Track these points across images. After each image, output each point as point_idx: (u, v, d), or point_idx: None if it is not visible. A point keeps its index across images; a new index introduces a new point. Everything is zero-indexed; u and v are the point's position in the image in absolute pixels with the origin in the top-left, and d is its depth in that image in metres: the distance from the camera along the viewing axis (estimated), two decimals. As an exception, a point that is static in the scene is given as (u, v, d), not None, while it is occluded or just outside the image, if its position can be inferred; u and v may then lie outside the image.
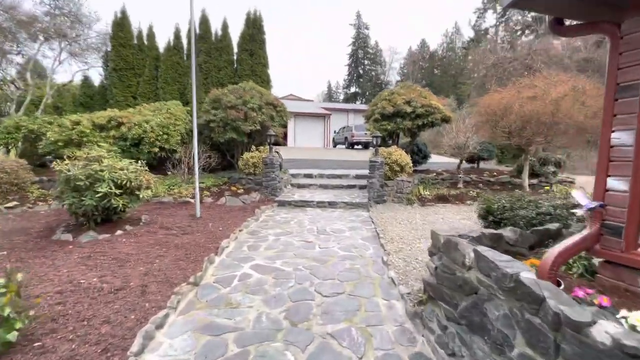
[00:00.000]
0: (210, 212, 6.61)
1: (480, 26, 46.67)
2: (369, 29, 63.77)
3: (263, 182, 8.14)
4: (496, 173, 11.10)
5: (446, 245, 2.31)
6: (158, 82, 11.07)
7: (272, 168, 8.06)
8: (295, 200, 7.78)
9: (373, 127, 9.81)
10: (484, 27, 46.25)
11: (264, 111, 8.74)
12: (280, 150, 11.50)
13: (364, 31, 63.74)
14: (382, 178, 7.67)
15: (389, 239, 5.07)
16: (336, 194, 8.65)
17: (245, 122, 8.44)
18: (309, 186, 9.67)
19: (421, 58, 63.17)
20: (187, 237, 5.00)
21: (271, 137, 8.10)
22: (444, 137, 12.10)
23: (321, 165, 14.51)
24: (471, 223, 6.03)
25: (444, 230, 2.59)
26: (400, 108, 9.32)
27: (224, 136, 8.42)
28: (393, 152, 8.16)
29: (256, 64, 11.13)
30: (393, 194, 7.90)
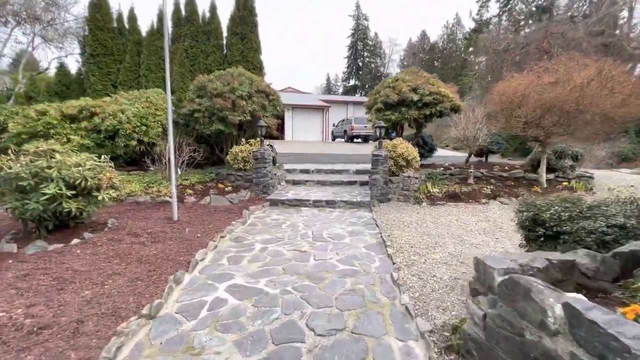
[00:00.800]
0: (191, 213, 5.78)
1: (483, 16, 45.32)
2: (369, 20, 62.48)
3: (253, 178, 7.30)
4: (507, 167, 10.28)
5: (509, 288, 1.48)
6: (140, 69, 10.15)
7: (264, 163, 7.22)
8: (289, 199, 6.95)
9: (375, 118, 8.94)
10: (487, 17, 44.95)
11: (254, 100, 7.86)
12: (275, 144, 10.65)
13: (364, 22, 62.51)
14: (386, 174, 6.85)
15: (397, 247, 4.27)
16: (335, 191, 7.83)
17: (234, 112, 7.57)
18: (305, 182, 8.84)
19: (421, 50, 62.00)
20: (156, 246, 4.18)
21: (262, 129, 7.24)
22: (452, 129, 11.26)
23: (319, 159, 13.69)
24: (491, 227, 5.23)
25: (495, 258, 1.75)
26: (406, 96, 8.45)
27: (210, 128, 7.55)
28: (398, 144, 7.32)
29: (247, 48, 10.20)
30: (398, 191, 7.08)
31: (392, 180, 6.97)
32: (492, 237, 4.72)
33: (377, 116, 8.95)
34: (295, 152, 16.96)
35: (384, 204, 6.77)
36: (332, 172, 10.17)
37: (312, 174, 10.11)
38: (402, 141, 7.54)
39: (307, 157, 14.69)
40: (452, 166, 10.16)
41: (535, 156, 9.31)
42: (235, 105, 7.56)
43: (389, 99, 8.65)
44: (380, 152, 6.85)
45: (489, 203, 6.76)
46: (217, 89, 7.49)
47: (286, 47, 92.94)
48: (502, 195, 7.06)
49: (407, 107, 8.65)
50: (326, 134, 29.71)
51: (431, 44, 61.99)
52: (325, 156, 14.85)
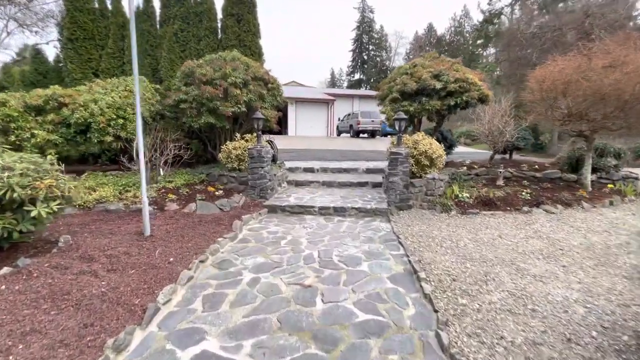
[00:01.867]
0: (169, 226, 4.71)
1: (495, 5, 43.47)
2: (374, 12, 61.20)
3: (249, 180, 6.21)
4: (538, 166, 9.08)
5: None
6: (125, 55, 9.06)
7: (261, 162, 6.11)
8: (291, 205, 5.86)
9: (390, 109, 7.77)
10: (499, 7, 43.06)
11: (250, 88, 6.73)
12: (277, 139, 9.53)
13: (369, 15, 61.21)
14: (406, 176, 5.71)
15: (434, 280, 3.16)
16: (344, 194, 6.71)
17: (226, 102, 6.45)
18: (309, 184, 7.74)
19: (428, 43, 60.41)
20: (110, 278, 3.12)
21: (259, 122, 6.12)
22: (474, 123, 10.04)
23: (324, 156, 12.57)
24: (547, 247, 4.08)
25: None
26: (427, 84, 7.26)
27: (198, 121, 6.45)
28: (420, 140, 6.17)
29: (244, 32, 9.04)
30: (421, 196, 5.95)
31: (414, 184, 5.83)
32: (557, 264, 3.58)
33: (392, 107, 7.78)
34: (298, 148, 15.86)
35: (404, 212, 5.65)
36: (339, 171, 9.07)
37: (317, 173, 9.01)
38: (425, 136, 6.38)
39: (311, 153, 13.58)
40: (475, 164, 8.98)
41: (574, 154, 8.10)
42: (227, 94, 6.44)
43: (407, 87, 7.46)
44: (399, 150, 5.70)
45: (532, 212, 5.60)
46: (206, 75, 6.37)
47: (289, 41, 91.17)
48: (545, 202, 5.89)
49: (427, 96, 7.46)
50: (331, 128, 28.51)
51: (438, 37, 60.29)
52: (330, 152, 13.71)
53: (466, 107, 7.77)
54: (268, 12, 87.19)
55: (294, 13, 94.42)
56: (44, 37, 10.43)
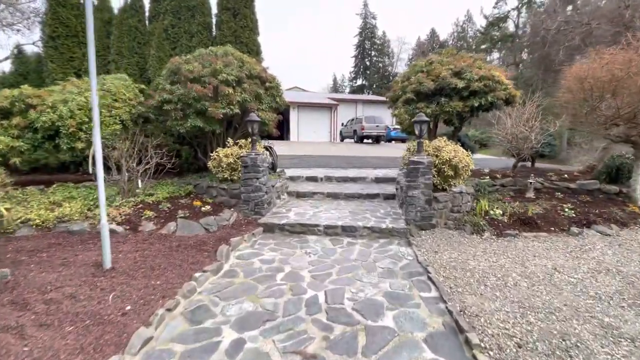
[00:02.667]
0: (139, 253, 3.81)
1: (502, 8, 42.92)
2: (376, 18, 61.48)
3: (241, 193, 5.30)
4: (567, 175, 8.12)
5: None
6: (110, 53, 8.28)
7: (256, 172, 5.21)
8: (291, 223, 4.94)
9: (404, 112, 6.87)
10: (505, 10, 42.46)
11: (245, 87, 5.87)
12: (278, 145, 8.66)
13: (371, 21, 61.48)
14: (429, 189, 4.77)
15: (492, 345, 2.21)
16: (353, 209, 5.79)
17: (216, 102, 5.59)
18: (312, 195, 6.83)
19: (431, 48, 60.02)
20: (38, 339, 2.22)
21: (254, 125, 5.24)
22: (492, 126, 9.11)
23: (328, 163, 11.68)
24: (625, 286, 3.12)
25: None
26: (446, 82, 6.36)
27: (184, 124, 5.58)
28: (443, 146, 5.25)
29: (241, 27, 8.24)
30: (446, 213, 5.01)
31: (438, 198, 4.89)
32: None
33: (406, 110, 6.88)
34: (300, 154, 15.00)
35: (427, 233, 4.71)
36: (345, 181, 8.15)
37: (321, 182, 8.10)
38: (447, 142, 5.46)
39: (314, 160, 12.70)
40: (497, 173, 8.04)
41: (613, 162, 7.14)
42: (218, 93, 5.57)
43: (423, 86, 6.57)
44: (420, 159, 4.77)
45: (583, 234, 4.64)
46: (193, 72, 5.52)
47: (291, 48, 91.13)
48: (597, 221, 4.93)
49: (447, 97, 6.56)
50: (334, 134, 27.70)
51: (441, 42, 59.99)
52: (334, 159, 12.83)
53: (490, 108, 6.85)
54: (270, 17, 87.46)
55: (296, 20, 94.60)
56: (28, 37, 9.71)
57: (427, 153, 5.15)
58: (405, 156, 5.75)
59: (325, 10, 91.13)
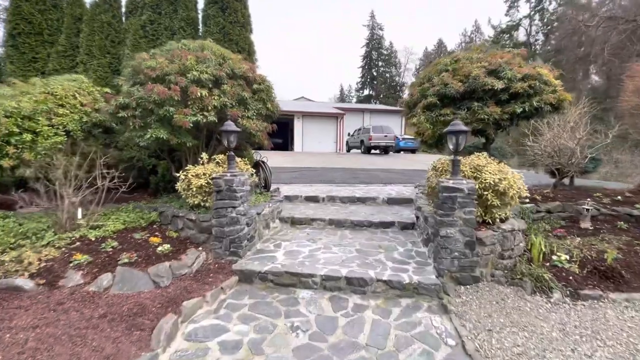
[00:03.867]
0: (37, 331, 2.48)
1: (514, 16, 41.80)
2: (384, 29, 61.55)
3: (213, 227, 3.97)
4: (620, 197, 6.62)
5: None
6: (79, 53, 7.20)
7: (232, 199, 3.89)
8: (277, 272, 3.57)
9: (425, 120, 5.53)
10: (517, 18, 41.33)
11: (225, 89, 4.61)
12: (280, 156, 7.46)
13: (378, 32, 61.50)
14: (471, 226, 3.37)
15: None
16: (361, 244, 4.41)
17: (185, 107, 4.33)
18: (310, 222, 5.48)
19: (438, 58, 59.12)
20: None
21: (230, 136, 3.95)
22: (528, 138, 7.69)
23: (333, 177, 10.37)
24: None
25: None
26: (479, 83, 5.02)
27: (144, 136, 4.31)
28: (484, 165, 3.86)
29: (230, 23, 7.08)
30: (493, 260, 3.59)
31: (483, 240, 3.48)
32: None
33: (427, 117, 5.54)
34: (303, 166, 13.74)
35: (469, 291, 3.30)
36: (352, 202, 6.81)
37: (323, 203, 6.77)
38: (489, 159, 4.08)
39: (317, 173, 11.41)
40: (535, 194, 6.57)
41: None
42: (188, 95, 4.32)
43: (449, 88, 5.24)
44: (458, 183, 3.38)
45: None
46: (156, 69, 4.29)
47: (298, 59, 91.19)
48: None
49: (479, 100, 5.21)
50: (340, 144, 26.46)
51: (448, 53, 59.05)
52: (339, 172, 11.51)
53: (532, 116, 5.47)
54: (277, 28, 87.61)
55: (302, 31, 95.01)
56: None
57: (464, 174, 3.77)
58: (431, 177, 4.36)
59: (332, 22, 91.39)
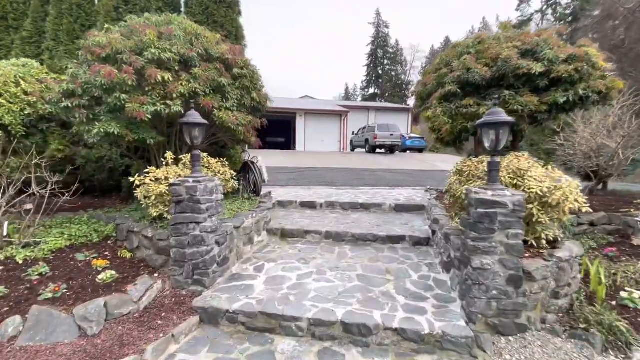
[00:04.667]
0: None
1: (525, 11, 40.28)
2: (389, 27, 60.45)
3: (172, 249, 3.07)
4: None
5: None
6: (46, 39, 6.38)
7: (196, 212, 2.99)
8: (250, 311, 2.66)
9: (442, 113, 4.57)
10: (529, 13, 39.80)
11: (196, 73, 3.72)
12: (281, 155, 6.61)
13: (384, 30, 60.41)
14: (516, 255, 2.41)
15: None
16: (364, 266, 3.49)
17: (144, 94, 3.45)
18: (304, 235, 4.58)
19: (445, 56, 57.80)
20: None
21: (193, 131, 3.04)
22: (558, 135, 6.69)
23: (334, 179, 9.46)
24: None
25: None
26: (511, 66, 4.05)
27: (92, 130, 3.43)
28: (526, 169, 2.90)
29: (215, 3, 6.17)
30: (544, 300, 2.62)
31: (532, 274, 2.51)
32: None
33: (444, 109, 4.58)
34: (304, 166, 12.84)
35: (513, 345, 2.35)
36: (354, 208, 5.89)
37: (321, 210, 5.86)
38: (532, 161, 3.12)
39: (318, 174, 10.50)
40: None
41: None
42: (145, 79, 3.44)
43: (472, 74, 4.28)
44: (500, 196, 2.42)
45: None
46: (105, 47, 3.42)
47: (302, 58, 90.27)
48: None
49: (510, 88, 4.24)
50: (344, 143, 25.50)
51: (457, 48, 57.67)
52: (342, 173, 10.58)
53: (575, 106, 4.47)
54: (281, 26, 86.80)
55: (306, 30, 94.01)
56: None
57: (504, 184, 2.81)
58: (454, 184, 3.40)
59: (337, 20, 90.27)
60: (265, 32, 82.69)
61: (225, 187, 3.88)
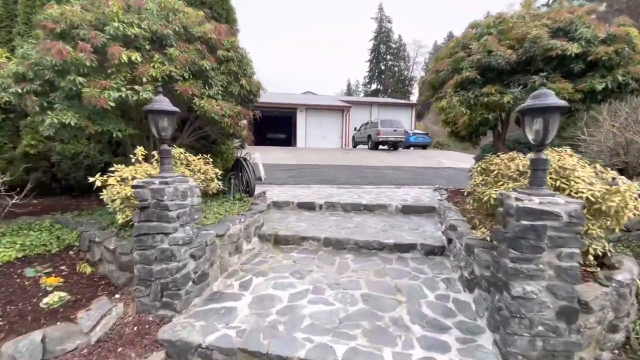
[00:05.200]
0: None
1: (533, 3, 39.31)
2: (392, 22, 59.41)
3: (136, 265, 2.52)
4: None
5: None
6: (17, 23, 5.81)
7: (163, 220, 2.43)
8: (227, 348, 2.12)
9: (458, 102, 3.98)
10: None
11: (172, 53, 3.15)
12: (278, 152, 6.03)
13: (387, 25, 59.57)
14: (571, 281, 1.85)
15: None
16: (370, 285, 2.93)
17: (107, 77, 2.89)
18: (300, 242, 4.03)
19: (449, 51, 56.91)
20: None
21: (160, 121, 2.48)
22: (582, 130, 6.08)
23: (336, 176, 8.94)
24: None
25: None
26: (541, 47, 3.46)
27: (45, 122, 2.88)
28: (572, 167, 2.33)
29: (203, -19, 5.58)
30: (599, 336, 2.07)
31: (588, 304, 1.95)
32: None
33: (461, 99, 3.99)
34: (304, 163, 12.29)
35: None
36: (356, 210, 5.35)
37: (320, 212, 5.33)
38: (576, 157, 2.54)
39: (319, 171, 9.96)
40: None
41: None
42: (108, 59, 2.87)
43: (495, 57, 3.69)
44: (551, 205, 1.85)
45: None
46: (59, 21, 2.85)
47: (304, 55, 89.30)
48: None
49: (538, 74, 3.65)
50: (346, 139, 24.89)
51: (461, 44, 56.81)
52: (344, 170, 10.02)
53: (612, 95, 3.87)
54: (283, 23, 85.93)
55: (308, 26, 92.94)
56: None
57: (551, 185, 2.24)
58: (479, 185, 2.82)
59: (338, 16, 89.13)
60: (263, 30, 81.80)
61: (208, 187, 3.33)
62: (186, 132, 4.27)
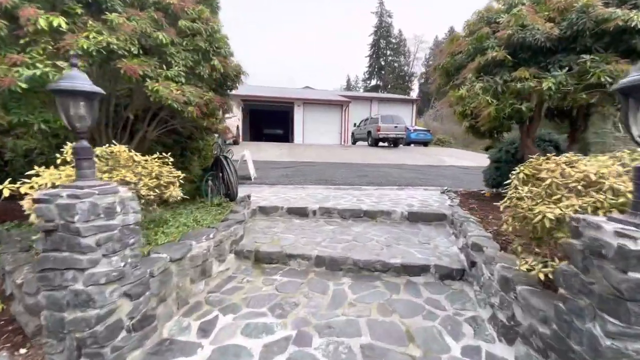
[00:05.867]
0: None
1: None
2: (392, 17, 58.46)
3: (44, 311, 1.78)
4: None
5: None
6: None
7: (74, 250, 1.68)
8: None
9: (481, 90, 3.22)
10: None
11: (113, 19, 2.38)
12: (275, 148, 5.37)
13: (387, 19, 58.62)
14: None
15: None
16: (372, 327, 2.19)
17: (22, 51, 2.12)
18: (286, 261, 3.30)
19: (450, 47, 55.96)
20: None
21: (76, 106, 1.73)
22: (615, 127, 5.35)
23: (333, 176, 8.20)
24: None
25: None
26: (592, 18, 2.70)
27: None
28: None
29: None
30: None
31: None
32: None
33: (485, 85, 3.23)
34: (299, 160, 11.57)
35: None
36: (356, 217, 4.62)
37: (313, 220, 4.59)
38: None
39: (315, 169, 9.22)
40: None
41: None
42: (22, 25, 2.11)
43: (531, 31, 2.92)
44: None
45: None
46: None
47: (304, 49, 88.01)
48: None
49: (585, 53, 2.88)
50: (345, 136, 24.10)
51: (463, 40, 55.87)
52: (342, 169, 9.28)
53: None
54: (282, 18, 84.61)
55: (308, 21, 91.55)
56: None
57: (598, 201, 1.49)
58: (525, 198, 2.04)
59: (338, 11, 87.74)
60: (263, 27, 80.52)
61: (162, 195, 2.57)
62: (146, 123, 3.51)
